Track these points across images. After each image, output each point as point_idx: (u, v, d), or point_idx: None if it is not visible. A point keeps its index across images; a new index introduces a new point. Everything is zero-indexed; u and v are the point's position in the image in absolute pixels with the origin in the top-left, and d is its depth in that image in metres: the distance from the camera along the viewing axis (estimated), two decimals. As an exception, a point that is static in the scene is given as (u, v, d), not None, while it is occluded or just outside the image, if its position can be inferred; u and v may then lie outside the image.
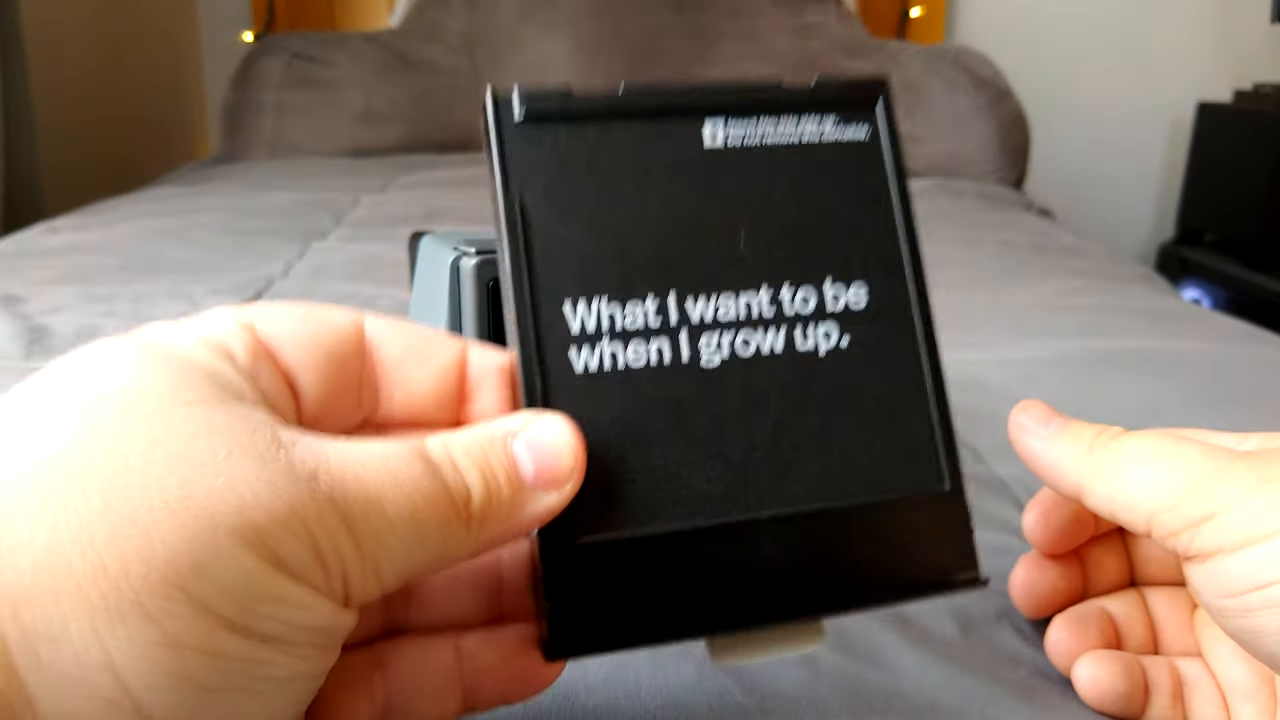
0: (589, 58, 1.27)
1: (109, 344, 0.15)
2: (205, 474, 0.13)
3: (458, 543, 0.16)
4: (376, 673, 0.18)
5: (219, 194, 0.94)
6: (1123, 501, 0.20)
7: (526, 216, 0.18)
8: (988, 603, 0.27)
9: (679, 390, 0.18)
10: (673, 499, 0.18)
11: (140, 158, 1.38)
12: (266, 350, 0.17)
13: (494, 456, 0.16)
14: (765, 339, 0.18)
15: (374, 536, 0.14)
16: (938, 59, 1.23)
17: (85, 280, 0.61)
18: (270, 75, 1.21)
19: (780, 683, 0.22)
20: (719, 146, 0.19)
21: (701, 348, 0.18)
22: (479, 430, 0.17)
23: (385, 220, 0.82)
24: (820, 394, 0.19)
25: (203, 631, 0.13)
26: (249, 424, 0.14)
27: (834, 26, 1.31)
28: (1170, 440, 0.20)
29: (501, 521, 0.16)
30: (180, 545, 0.13)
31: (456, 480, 0.16)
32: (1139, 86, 1.65)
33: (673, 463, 0.18)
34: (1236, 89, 1.51)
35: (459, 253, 0.25)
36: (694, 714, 0.21)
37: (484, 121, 0.18)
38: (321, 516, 0.14)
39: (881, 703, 0.22)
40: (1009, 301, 0.63)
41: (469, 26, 1.30)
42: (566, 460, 0.16)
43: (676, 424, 0.18)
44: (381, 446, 0.15)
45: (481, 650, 0.18)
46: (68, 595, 0.12)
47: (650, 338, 0.18)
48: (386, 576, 0.15)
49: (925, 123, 1.19)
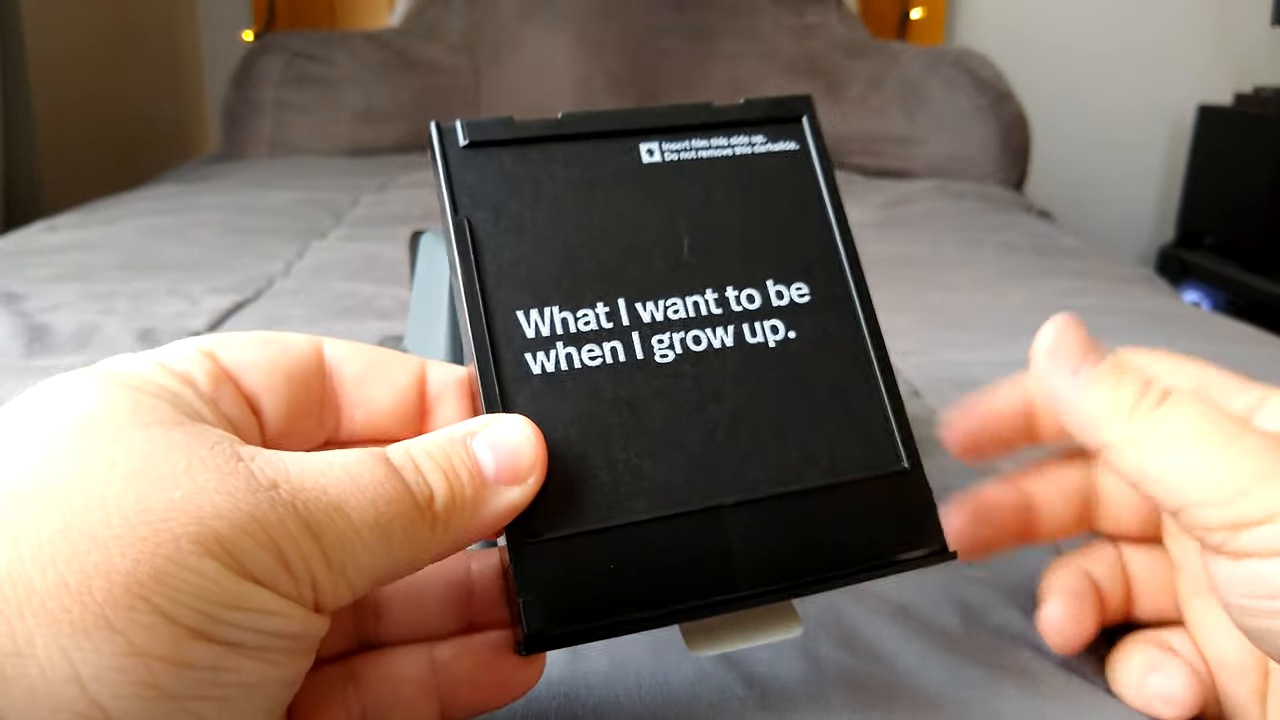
0: (590, 57, 1.27)
1: (71, 376, 0.16)
2: (163, 487, 0.14)
3: (424, 544, 0.16)
4: (351, 687, 0.18)
5: (219, 192, 0.94)
6: (1158, 480, 0.18)
7: (475, 234, 0.19)
8: (988, 591, 0.27)
9: (635, 386, 0.19)
10: (636, 491, 0.18)
11: (140, 156, 1.38)
12: (228, 375, 0.17)
13: (455, 456, 0.16)
14: (715, 335, 0.19)
15: (339, 542, 0.15)
16: (938, 60, 1.23)
17: (85, 278, 0.61)
18: (270, 74, 1.21)
19: (781, 678, 0.22)
20: (657, 161, 0.20)
21: (654, 344, 0.19)
22: (439, 433, 0.17)
23: (385, 219, 0.82)
24: (773, 382, 0.19)
25: (169, 640, 0.13)
26: (207, 440, 0.15)
27: (835, 27, 1.31)
28: (1228, 423, 0.18)
29: (466, 520, 0.16)
30: (141, 557, 0.13)
31: (419, 481, 0.16)
32: (1139, 89, 1.65)
33: (634, 456, 0.18)
34: (1237, 92, 1.51)
35: None
36: (694, 711, 0.21)
37: (430, 151, 0.19)
38: (284, 524, 0.14)
39: (883, 696, 0.22)
40: (1009, 302, 0.63)
41: (469, 25, 1.30)
42: (527, 455, 0.17)
43: (635, 419, 0.18)
44: (342, 455, 0.16)
45: (456, 659, 0.19)
46: (31, 612, 0.12)
47: (603, 339, 0.19)
48: (356, 581, 0.15)
49: (926, 124, 1.20)
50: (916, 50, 1.29)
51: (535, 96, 1.26)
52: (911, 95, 1.21)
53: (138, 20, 1.46)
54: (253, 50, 1.25)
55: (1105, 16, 1.63)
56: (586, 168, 0.20)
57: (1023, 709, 0.22)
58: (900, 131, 1.20)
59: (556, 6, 1.28)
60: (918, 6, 1.62)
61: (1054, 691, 0.22)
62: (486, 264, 0.19)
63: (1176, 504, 0.18)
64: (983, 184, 1.13)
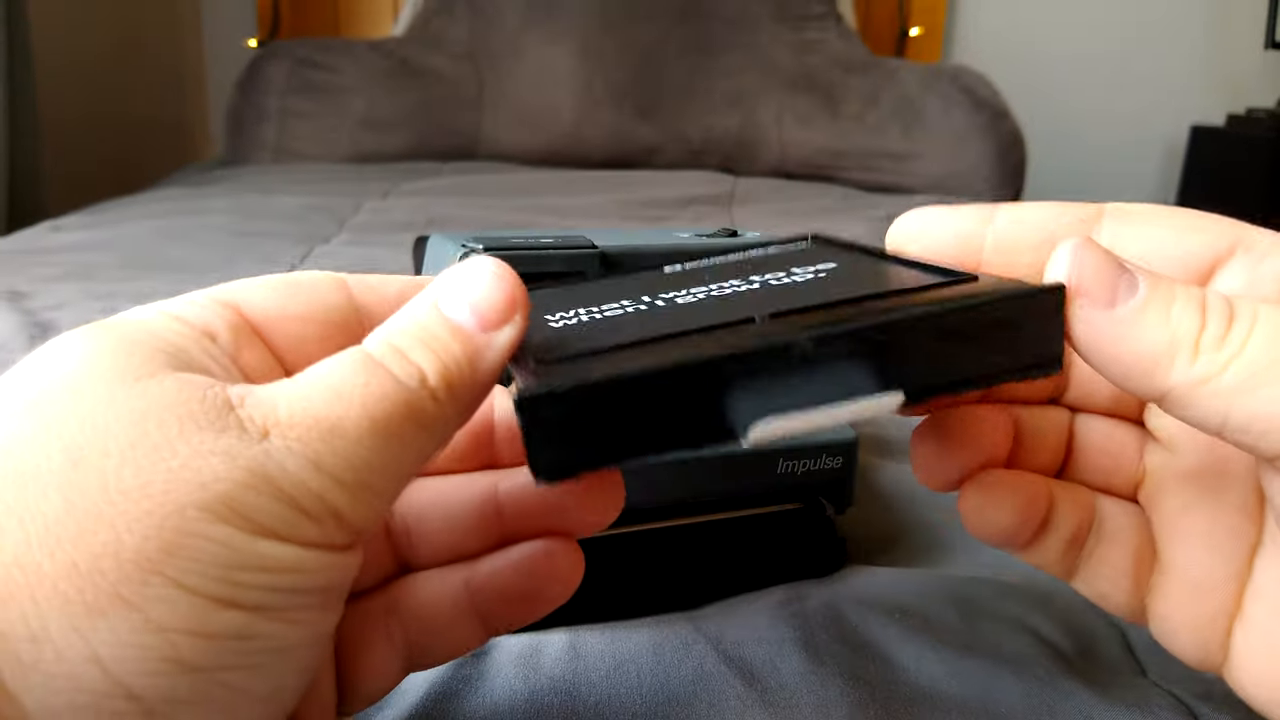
0: (591, 67, 1.28)
1: (71, 332, 0.15)
2: (160, 456, 0.13)
3: (434, 423, 0.15)
4: (392, 617, 0.18)
5: (223, 196, 0.94)
6: (1246, 427, 0.14)
7: None
8: (987, 587, 0.27)
9: (657, 313, 0.17)
10: (660, 352, 0.15)
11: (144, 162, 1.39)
12: (253, 329, 0.17)
13: (432, 324, 0.15)
14: (741, 284, 0.18)
15: (348, 462, 0.14)
16: (936, 77, 1.25)
17: (89, 278, 0.61)
18: (275, 81, 1.22)
19: (781, 674, 0.23)
20: (678, 270, 0.21)
21: (676, 298, 0.18)
22: (410, 308, 0.16)
23: (388, 226, 0.83)
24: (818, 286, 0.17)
25: (189, 612, 0.13)
26: (198, 390, 0.14)
27: (834, 43, 1.33)
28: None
29: (467, 383, 0.15)
30: (149, 532, 0.13)
31: (405, 367, 0.15)
32: (1134, 108, 1.67)
33: (652, 335, 0.16)
34: (1229, 113, 1.52)
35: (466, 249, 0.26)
36: (695, 708, 0.21)
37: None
38: (286, 469, 0.14)
39: (882, 691, 0.22)
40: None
41: (473, 35, 1.31)
42: (505, 289, 0.15)
43: (655, 323, 0.16)
44: (326, 366, 0.15)
45: (494, 573, 0.18)
46: (43, 595, 0.12)
47: (626, 306, 0.18)
48: (381, 490, 0.15)
49: (922, 140, 1.21)
50: (914, 67, 1.31)
51: (537, 106, 1.27)
52: (909, 112, 1.22)
53: (143, 27, 1.46)
54: (258, 57, 1.26)
55: (1101, 37, 1.65)
56: (609, 286, 0.20)
57: (1022, 702, 0.22)
58: (897, 147, 1.21)
59: (559, 17, 1.29)
60: (916, 24, 1.64)
61: (1053, 684, 0.23)
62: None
63: (1273, 448, 0.14)
64: (979, 200, 1.14)
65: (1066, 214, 0.18)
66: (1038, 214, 0.18)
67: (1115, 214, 0.18)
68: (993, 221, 0.18)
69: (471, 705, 0.22)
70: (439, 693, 0.22)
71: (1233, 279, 0.17)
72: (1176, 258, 0.17)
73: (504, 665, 0.23)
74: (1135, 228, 0.17)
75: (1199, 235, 0.17)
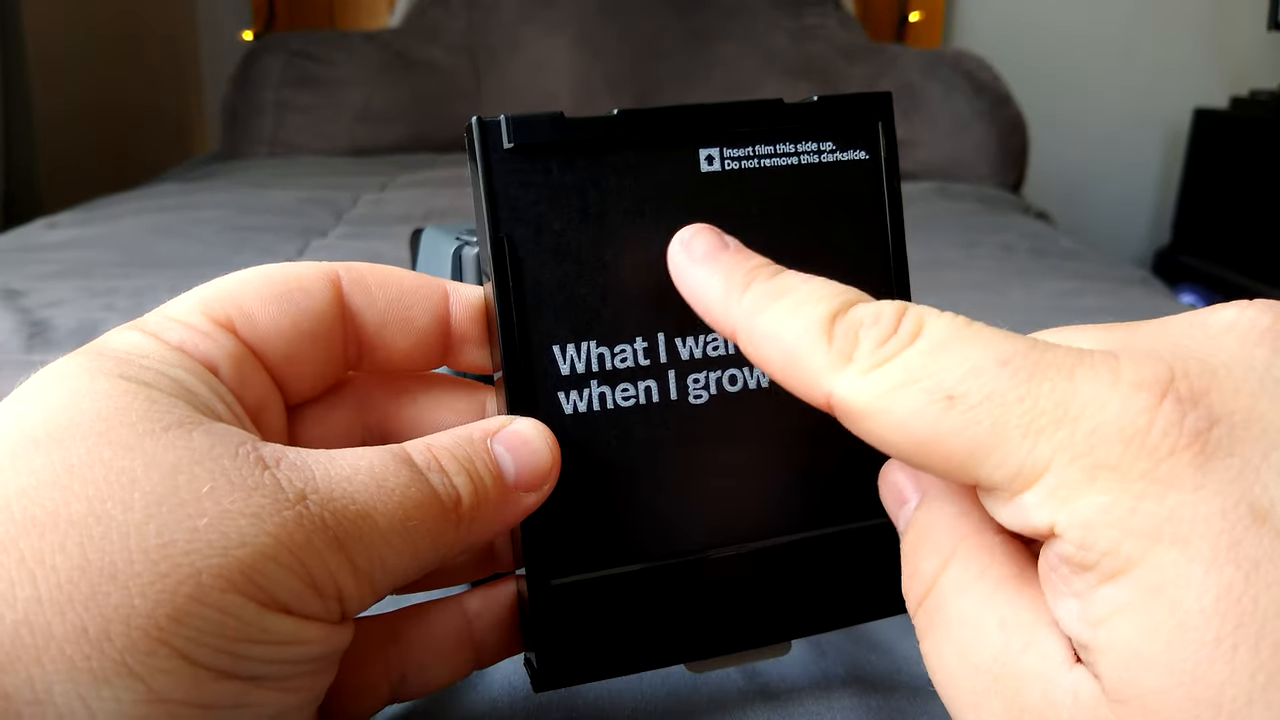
0: (589, 59, 1.27)
1: (73, 362, 0.15)
2: (187, 514, 0.13)
3: (449, 545, 0.16)
4: (391, 645, 0.18)
5: (219, 191, 0.94)
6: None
7: (516, 255, 0.18)
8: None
9: (666, 429, 0.18)
10: (656, 536, 0.18)
11: (139, 156, 1.38)
12: (250, 353, 0.17)
13: (478, 459, 0.16)
14: (751, 376, 0.19)
15: (367, 551, 0.14)
16: (937, 63, 1.24)
17: (86, 275, 0.61)
18: (271, 74, 1.21)
19: (782, 668, 0.22)
20: (716, 170, 0.18)
21: (689, 384, 0.18)
22: (459, 433, 0.17)
23: (385, 219, 0.82)
24: (802, 427, 0.19)
25: (190, 683, 0.13)
26: (230, 446, 0.14)
27: (833, 29, 1.32)
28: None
29: (488, 521, 0.16)
30: (161, 597, 0.13)
31: (445, 484, 0.16)
32: (1136, 92, 1.66)
33: (659, 500, 0.18)
34: (1233, 95, 1.51)
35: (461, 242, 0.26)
36: (696, 703, 0.21)
37: (469, 149, 0.18)
38: (311, 541, 0.14)
39: (883, 684, 0.22)
40: (1007, 302, 0.63)
41: (469, 27, 1.30)
42: (545, 461, 0.17)
43: (662, 462, 0.18)
44: (366, 456, 0.15)
45: (486, 609, 0.19)
46: (49, 658, 0.12)
47: (639, 378, 0.18)
48: (380, 586, 0.15)
49: (924, 126, 1.20)
50: (915, 53, 1.30)
51: (534, 98, 1.27)
52: (910, 98, 1.21)
53: (138, 20, 1.45)
54: (253, 50, 1.25)
55: (1103, 21, 1.64)
56: (638, 179, 0.18)
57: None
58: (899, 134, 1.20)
59: (556, 8, 1.28)
60: (916, 9, 1.63)
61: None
62: (526, 288, 0.17)
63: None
64: (981, 186, 1.14)
65: None
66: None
67: None
68: None
69: (472, 702, 0.21)
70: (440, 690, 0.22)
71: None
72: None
73: (504, 662, 0.22)
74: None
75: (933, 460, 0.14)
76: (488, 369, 0.19)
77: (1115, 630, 0.12)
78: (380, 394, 0.19)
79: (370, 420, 0.19)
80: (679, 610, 0.18)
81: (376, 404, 0.19)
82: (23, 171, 1.18)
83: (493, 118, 0.17)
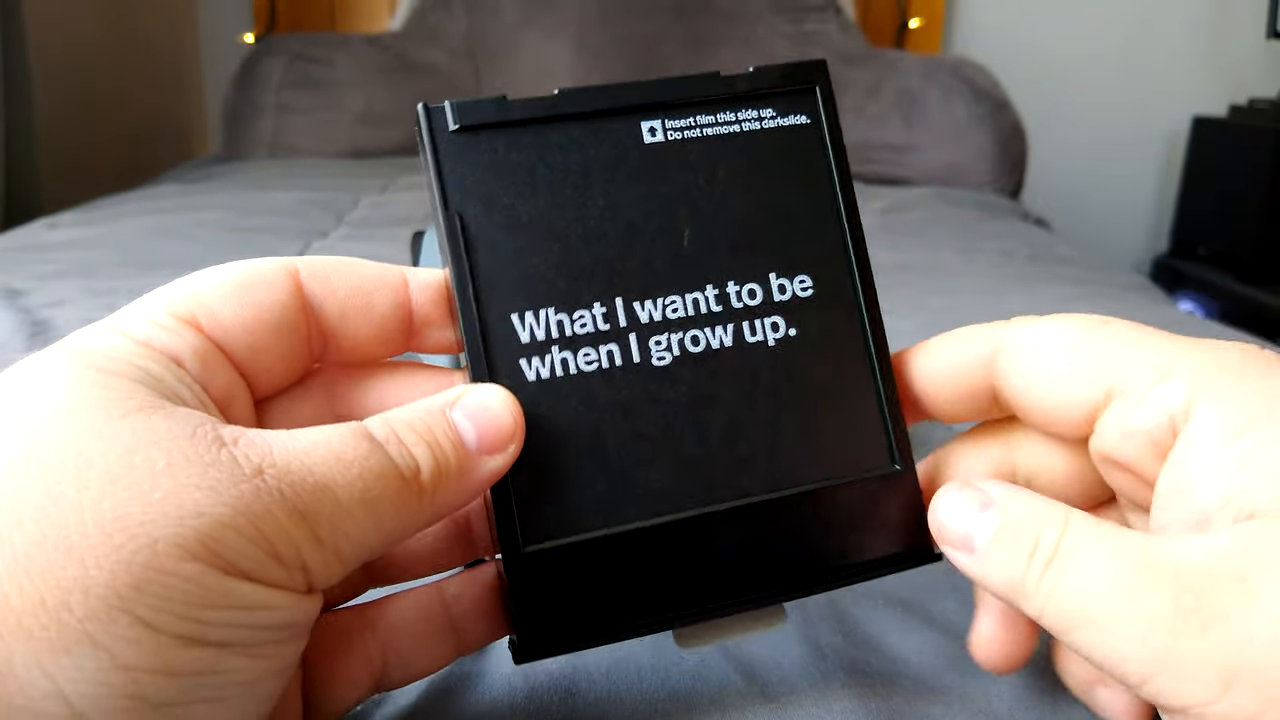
0: (589, 63, 1.27)
1: (43, 359, 0.15)
2: (141, 490, 0.13)
3: (412, 515, 0.16)
4: (369, 634, 0.18)
5: (220, 192, 0.94)
6: (1086, 650, 0.15)
7: (469, 232, 0.18)
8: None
9: (631, 391, 0.18)
10: (630, 499, 0.18)
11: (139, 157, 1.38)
12: (215, 347, 0.17)
13: (437, 428, 0.16)
14: (714, 335, 0.19)
15: (329, 522, 0.14)
16: (936, 69, 1.24)
17: (87, 275, 0.61)
18: (271, 76, 1.21)
19: (782, 668, 0.22)
20: (659, 141, 0.19)
21: (652, 346, 0.19)
22: (419, 405, 0.17)
23: (386, 221, 0.83)
24: (770, 384, 0.19)
25: (154, 651, 0.13)
26: (188, 427, 0.14)
27: (833, 35, 1.32)
28: (1129, 569, 0.15)
29: (452, 489, 0.16)
30: (117, 567, 0.13)
31: (403, 455, 0.16)
32: (1135, 99, 1.66)
33: (628, 463, 0.18)
34: (1231, 104, 1.52)
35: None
36: (696, 703, 0.21)
37: (418, 135, 0.18)
38: (270, 512, 0.14)
39: (882, 685, 0.22)
40: (1006, 308, 0.63)
41: (470, 30, 1.30)
42: (507, 424, 0.17)
43: (630, 425, 0.18)
44: (324, 432, 0.15)
45: (465, 593, 0.19)
46: (8, 629, 0.12)
47: (600, 342, 0.18)
48: (347, 558, 0.15)
49: (923, 132, 1.20)
50: (914, 59, 1.30)
51: (535, 101, 1.27)
52: (909, 104, 1.21)
53: (139, 22, 1.46)
54: (254, 52, 1.25)
55: (1102, 28, 1.64)
56: (584, 151, 0.19)
57: (1022, 694, 0.22)
58: (898, 139, 1.21)
59: (556, 12, 1.29)
60: (916, 16, 1.63)
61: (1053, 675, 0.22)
62: (480, 263, 0.18)
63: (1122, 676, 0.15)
64: (980, 192, 1.14)
65: (966, 352, 0.19)
66: (945, 355, 0.20)
67: (1009, 348, 0.19)
68: (914, 362, 0.20)
69: (471, 702, 0.21)
70: (439, 690, 0.22)
71: (1109, 432, 0.17)
72: (1056, 410, 0.18)
73: (503, 662, 0.23)
74: (1020, 373, 0.18)
75: (1075, 385, 0.18)
76: (453, 350, 0.19)
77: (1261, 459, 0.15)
78: (347, 383, 0.19)
79: (339, 410, 0.19)
80: (658, 574, 0.18)
81: (343, 393, 0.19)
82: (23, 171, 1.18)
83: (438, 104, 0.18)
